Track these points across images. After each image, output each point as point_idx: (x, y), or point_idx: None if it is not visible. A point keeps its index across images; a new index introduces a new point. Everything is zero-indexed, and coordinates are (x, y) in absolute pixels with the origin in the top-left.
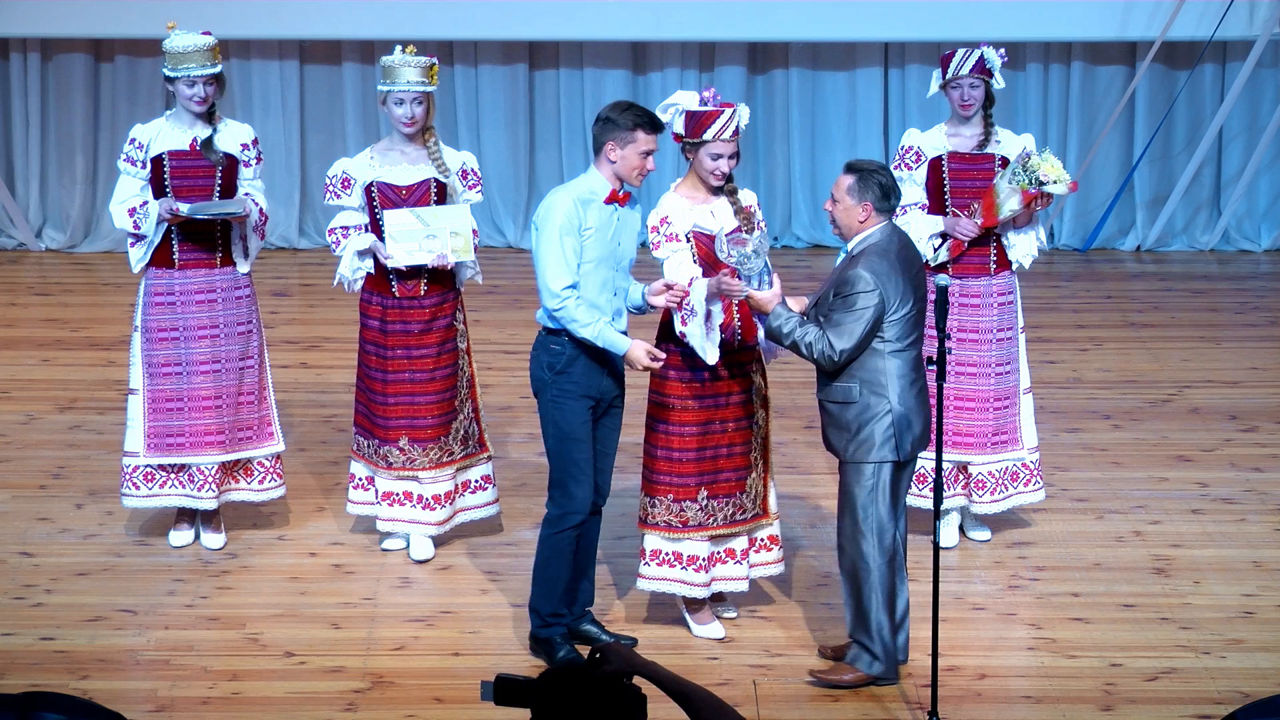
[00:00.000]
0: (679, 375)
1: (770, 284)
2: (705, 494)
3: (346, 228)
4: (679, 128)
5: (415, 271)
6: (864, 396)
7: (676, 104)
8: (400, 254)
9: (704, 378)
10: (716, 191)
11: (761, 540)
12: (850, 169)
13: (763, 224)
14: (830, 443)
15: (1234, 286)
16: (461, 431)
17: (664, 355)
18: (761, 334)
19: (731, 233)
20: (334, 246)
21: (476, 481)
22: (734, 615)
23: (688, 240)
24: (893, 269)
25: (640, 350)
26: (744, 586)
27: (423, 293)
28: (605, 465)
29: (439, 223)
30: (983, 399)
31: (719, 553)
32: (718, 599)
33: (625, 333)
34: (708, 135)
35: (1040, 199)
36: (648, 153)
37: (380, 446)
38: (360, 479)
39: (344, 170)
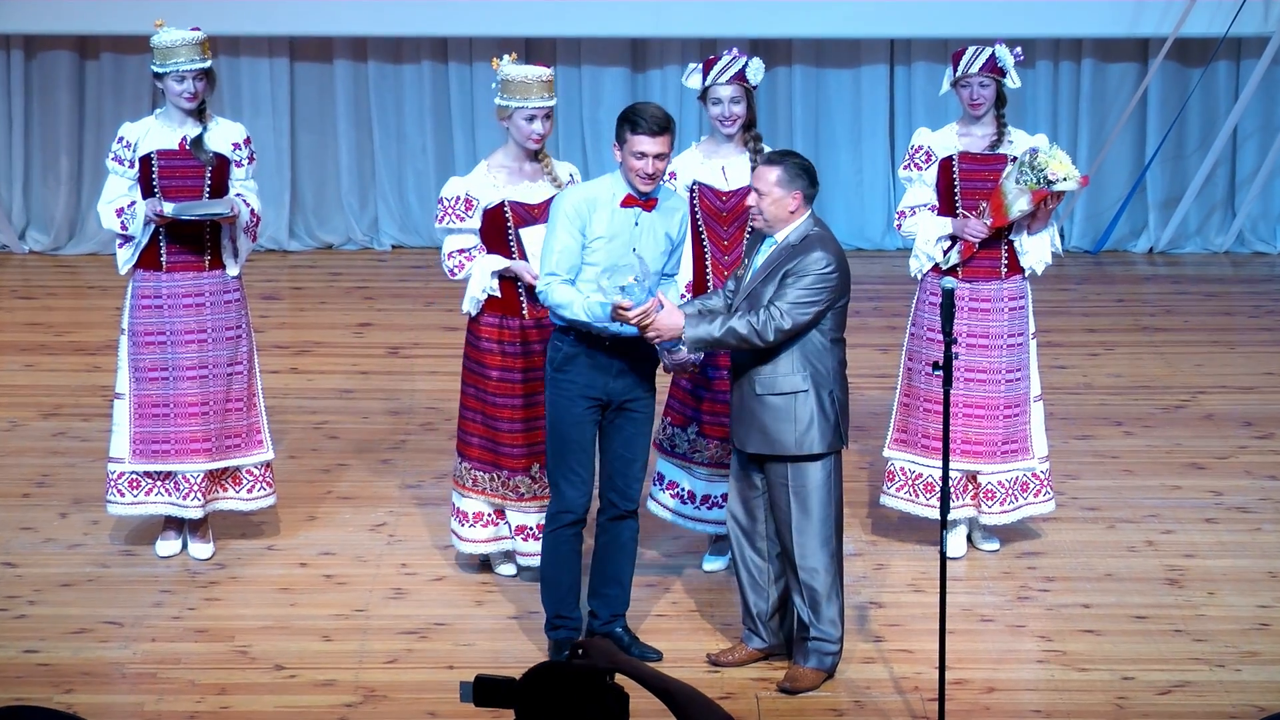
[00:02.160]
0: None
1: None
2: (695, 429)
3: (465, 250)
4: (696, 83)
5: None
6: (811, 386)
7: (696, 65)
8: None
9: None
10: (733, 143)
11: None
12: (772, 160)
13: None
14: (772, 438)
15: (1249, 289)
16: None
17: (627, 301)
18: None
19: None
20: (455, 271)
21: None
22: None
23: (690, 194)
24: (841, 256)
25: (616, 311)
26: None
27: None
28: (623, 469)
29: None
30: (992, 406)
31: (717, 498)
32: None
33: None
34: (708, 79)
35: (1051, 197)
36: (641, 154)
37: (510, 478)
38: (475, 514)
39: (465, 191)
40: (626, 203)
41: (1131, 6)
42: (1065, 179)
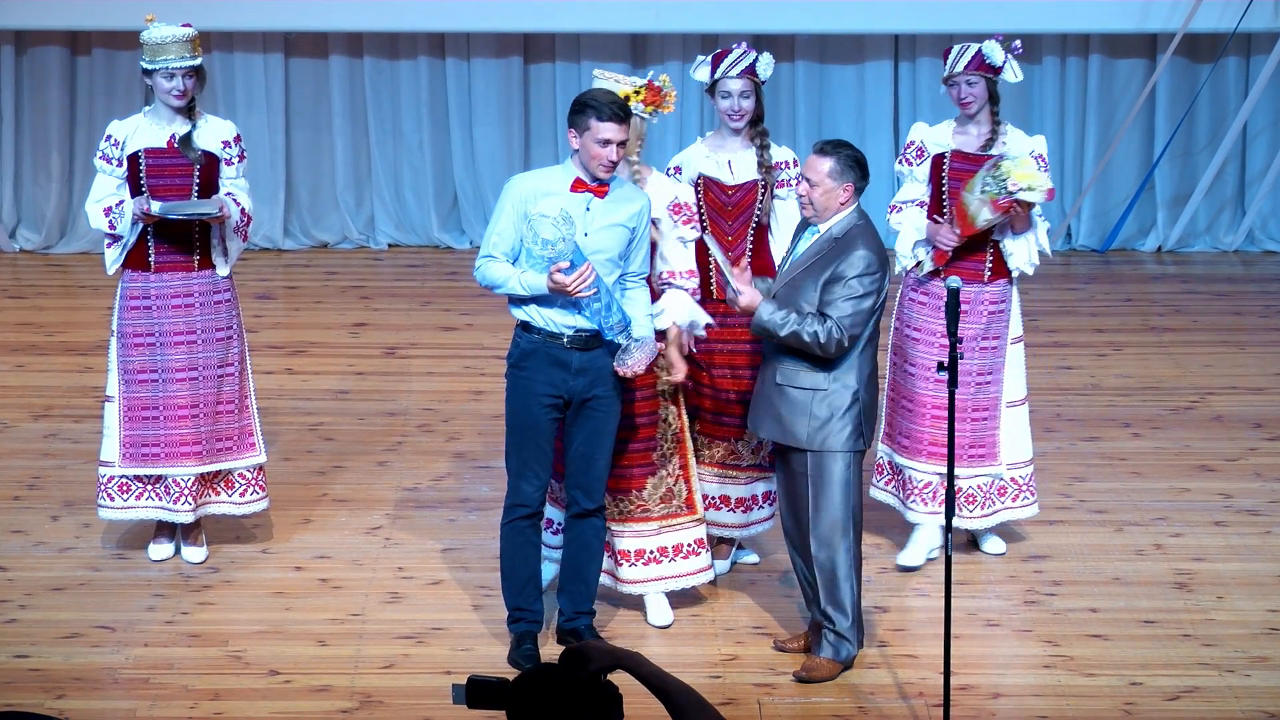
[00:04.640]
0: None
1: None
2: (695, 426)
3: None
4: (705, 75)
5: None
6: (834, 385)
7: (705, 58)
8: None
9: None
10: (740, 138)
11: (689, 545)
12: (824, 151)
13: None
14: (786, 429)
15: (1259, 289)
16: (663, 488)
17: (567, 277)
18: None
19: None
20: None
21: (689, 545)
22: (755, 560)
23: (695, 188)
24: (882, 250)
25: (552, 278)
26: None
27: None
28: (585, 466)
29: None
30: (959, 409)
31: (715, 499)
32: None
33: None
34: (717, 73)
35: (1020, 205)
36: (605, 141)
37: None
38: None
39: None
40: (576, 187)
41: (1140, 2)
42: (1029, 188)
